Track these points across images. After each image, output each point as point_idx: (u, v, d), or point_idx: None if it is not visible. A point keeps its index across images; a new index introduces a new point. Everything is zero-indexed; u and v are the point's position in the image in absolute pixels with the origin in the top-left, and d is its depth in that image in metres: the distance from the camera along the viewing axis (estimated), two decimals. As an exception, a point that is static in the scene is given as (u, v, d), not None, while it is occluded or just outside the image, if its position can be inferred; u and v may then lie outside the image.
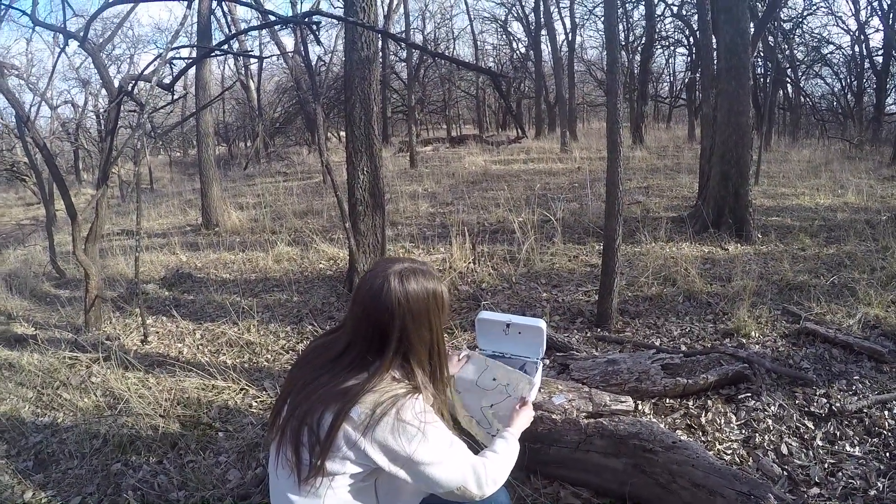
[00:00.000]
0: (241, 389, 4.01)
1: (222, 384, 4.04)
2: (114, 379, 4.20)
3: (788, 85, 20.91)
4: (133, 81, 5.22)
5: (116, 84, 5.51)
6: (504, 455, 1.89)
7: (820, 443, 2.93)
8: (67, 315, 5.97)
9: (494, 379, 2.38)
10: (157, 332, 5.31)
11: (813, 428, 3.05)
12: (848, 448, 2.87)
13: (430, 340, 1.72)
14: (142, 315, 5.18)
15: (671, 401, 3.35)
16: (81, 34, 5.44)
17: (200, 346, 4.99)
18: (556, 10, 23.56)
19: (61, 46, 8.20)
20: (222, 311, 5.69)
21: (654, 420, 3.13)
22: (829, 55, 21.58)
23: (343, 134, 23.34)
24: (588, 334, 4.45)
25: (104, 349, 4.80)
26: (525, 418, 2.15)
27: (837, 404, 3.19)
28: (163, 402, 3.81)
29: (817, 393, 3.35)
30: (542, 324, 2.67)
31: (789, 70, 19.73)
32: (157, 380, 4.20)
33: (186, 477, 3.09)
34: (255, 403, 3.85)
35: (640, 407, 3.28)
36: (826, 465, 2.76)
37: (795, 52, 20.29)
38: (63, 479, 3.26)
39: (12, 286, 7.14)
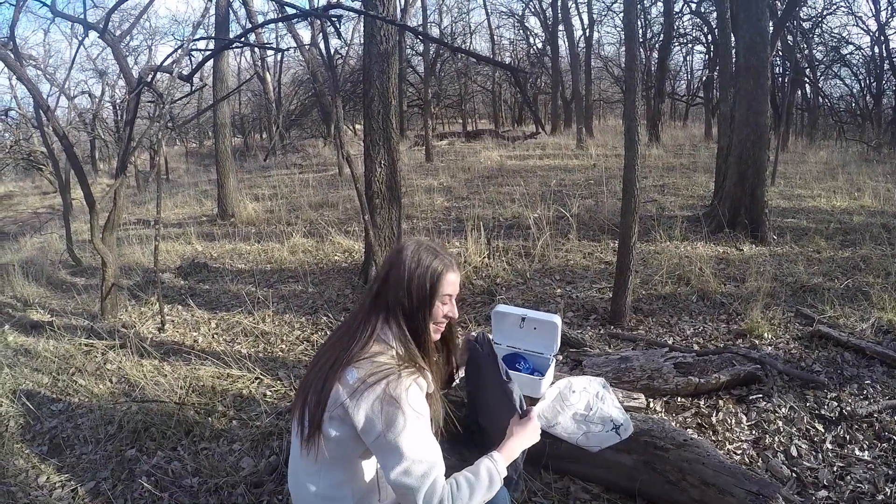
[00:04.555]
0: (256, 378, 4.05)
1: (237, 373, 4.09)
2: (129, 366, 4.25)
3: (807, 85, 20.67)
4: (152, 73, 5.27)
5: (135, 75, 5.56)
6: (479, 486, 1.69)
7: (829, 446, 2.93)
8: (83, 302, 6.03)
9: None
10: (173, 321, 5.36)
11: (823, 431, 3.06)
12: (857, 452, 2.87)
13: (411, 312, 1.79)
14: (159, 303, 5.23)
15: (683, 399, 3.36)
16: (101, 25, 5.50)
17: (216, 336, 5.04)
18: (574, 5, 23.44)
19: (80, 37, 8.27)
20: (237, 300, 5.74)
21: (666, 418, 3.14)
22: (848, 56, 21.35)
23: (358, 127, 23.37)
24: (601, 331, 4.46)
25: (120, 336, 4.86)
26: (524, 438, 1.90)
27: (848, 408, 3.20)
28: (178, 389, 3.85)
29: (828, 396, 3.36)
30: (556, 319, 2.69)
31: (808, 70, 19.52)
32: (172, 367, 4.25)
33: (200, 464, 3.13)
34: (269, 393, 3.89)
35: (651, 405, 3.29)
36: (835, 469, 2.77)
37: (814, 51, 20.09)
38: (77, 464, 3.31)
39: (29, 273, 7.22)
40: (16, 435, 3.64)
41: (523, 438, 1.89)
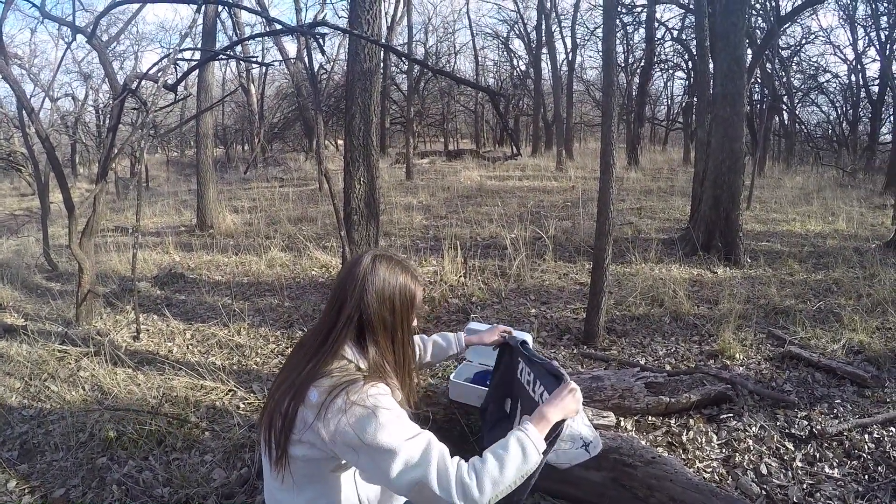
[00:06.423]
0: (230, 391, 4.03)
1: (211, 384, 4.07)
2: (103, 374, 4.22)
3: (784, 112, 21.07)
4: (138, 80, 5.27)
5: (120, 80, 5.56)
6: (509, 459, 1.57)
7: (799, 464, 2.98)
8: (58, 308, 5.98)
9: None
10: (148, 330, 5.33)
11: (793, 449, 3.11)
12: (827, 470, 2.92)
13: (393, 325, 1.74)
14: (136, 312, 5.20)
15: (654, 418, 3.40)
16: (90, 29, 5.49)
17: (190, 346, 5.02)
18: (558, 29, 23.82)
19: (67, 40, 8.23)
20: (213, 312, 5.72)
21: (635, 436, 3.18)
22: (825, 83, 21.83)
23: (340, 142, 23.43)
24: (574, 351, 4.50)
25: (94, 344, 4.82)
26: (560, 404, 1.77)
27: (818, 427, 3.25)
28: (151, 399, 3.84)
29: (799, 415, 3.41)
30: (528, 337, 2.72)
31: (786, 97, 19.90)
32: (146, 377, 4.22)
33: (172, 474, 3.12)
34: (242, 405, 3.88)
35: (622, 423, 3.32)
36: (804, 486, 2.81)
37: (792, 79, 20.48)
38: (48, 471, 3.28)
39: (4, 276, 7.15)
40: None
41: (560, 405, 1.76)
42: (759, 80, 15.73)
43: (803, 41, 20.60)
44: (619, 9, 13.86)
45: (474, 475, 1.51)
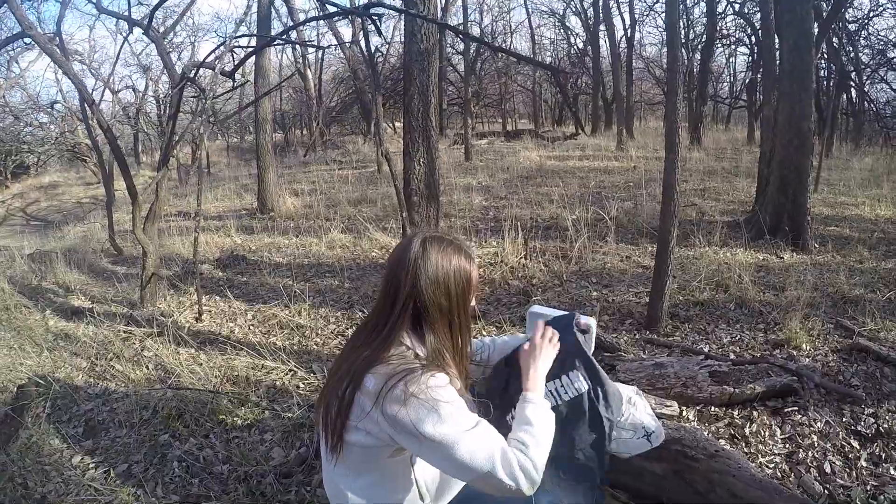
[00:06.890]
0: (290, 371, 4.10)
1: (271, 364, 4.15)
2: (166, 354, 4.35)
3: (852, 89, 20.11)
4: (195, 68, 5.36)
5: (178, 70, 5.67)
6: (539, 431, 1.63)
7: (864, 463, 2.84)
8: (123, 291, 6.18)
9: None
10: (210, 312, 5.46)
11: (858, 447, 2.96)
12: (892, 471, 2.78)
13: (450, 310, 1.70)
14: (198, 294, 5.33)
15: (716, 409, 3.30)
16: (146, 22, 5.61)
17: (252, 327, 5.12)
18: (615, 5, 23.16)
19: (125, 34, 8.45)
20: (274, 293, 5.81)
21: (698, 427, 3.10)
22: (895, 59, 20.75)
23: (398, 124, 23.53)
24: (636, 336, 4.40)
25: (158, 325, 4.96)
26: (541, 360, 1.86)
27: (885, 425, 3.09)
28: (213, 378, 3.94)
29: (865, 412, 3.24)
30: (592, 321, 2.67)
31: (853, 74, 18.99)
32: (208, 357, 4.34)
33: (231, 452, 3.19)
34: (302, 385, 3.94)
35: (684, 413, 3.24)
36: (868, 487, 2.68)
37: (860, 55, 19.55)
38: (111, 447, 3.40)
39: (71, 261, 7.44)
40: (52, 416, 3.76)
41: (540, 360, 1.86)
42: (826, 56, 15.05)
43: (871, 14, 19.52)
44: (680, -15, 13.48)
45: (526, 458, 1.54)
